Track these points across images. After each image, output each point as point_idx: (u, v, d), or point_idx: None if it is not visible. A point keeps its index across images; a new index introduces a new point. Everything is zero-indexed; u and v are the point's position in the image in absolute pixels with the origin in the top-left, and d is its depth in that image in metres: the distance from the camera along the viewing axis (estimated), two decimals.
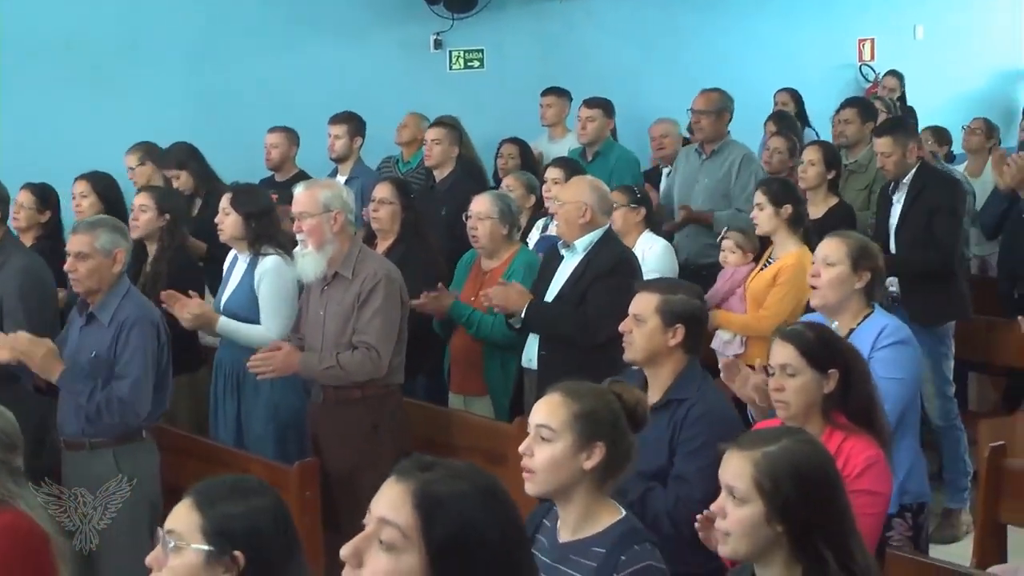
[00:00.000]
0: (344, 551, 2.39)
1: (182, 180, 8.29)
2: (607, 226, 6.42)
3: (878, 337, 5.01)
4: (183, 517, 2.81)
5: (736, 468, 3.19)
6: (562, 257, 6.42)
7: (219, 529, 2.77)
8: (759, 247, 7.25)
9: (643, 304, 4.73)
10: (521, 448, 3.69)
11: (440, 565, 2.31)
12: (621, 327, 4.77)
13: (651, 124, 9.67)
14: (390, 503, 2.36)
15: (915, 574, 4.59)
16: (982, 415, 7.80)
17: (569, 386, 3.74)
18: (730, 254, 7.21)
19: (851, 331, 5.08)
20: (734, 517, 3.16)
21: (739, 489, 3.16)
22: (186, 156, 8.34)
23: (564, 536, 3.66)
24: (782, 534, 3.12)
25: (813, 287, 5.21)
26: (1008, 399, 8.07)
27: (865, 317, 5.13)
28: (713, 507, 3.24)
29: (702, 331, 4.83)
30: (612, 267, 6.20)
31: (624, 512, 3.69)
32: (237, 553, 2.76)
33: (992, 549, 5.35)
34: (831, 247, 5.19)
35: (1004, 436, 6.39)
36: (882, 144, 7.53)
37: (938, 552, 6.56)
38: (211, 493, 2.83)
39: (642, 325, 4.69)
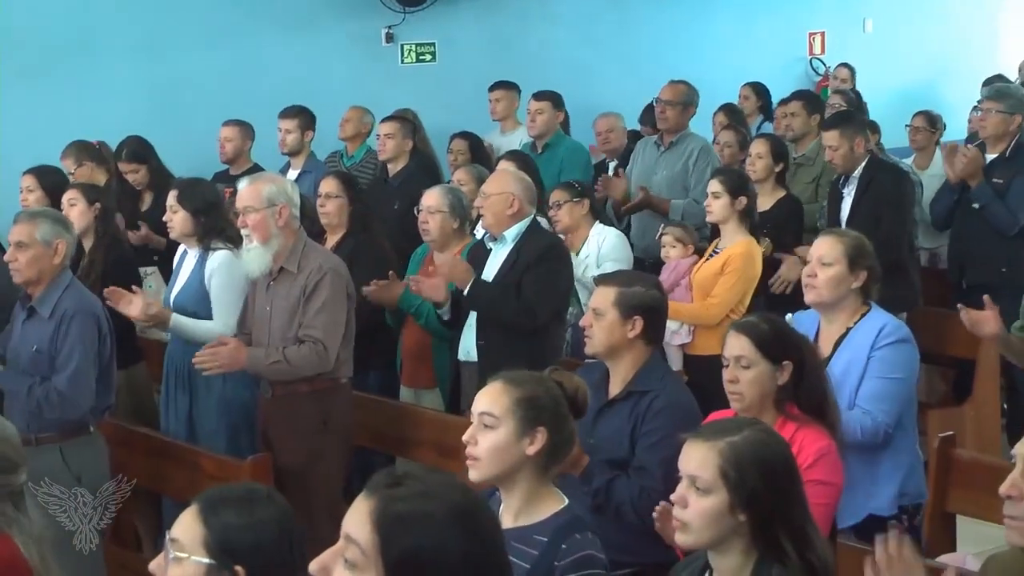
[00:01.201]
0: (313, 566, 2.38)
1: (140, 175, 8.25)
2: (533, 215, 6.42)
3: (878, 336, 5.04)
4: (187, 527, 2.76)
5: (700, 458, 3.19)
6: (489, 250, 6.42)
7: (222, 542, 2.72)
8: (698, 240, 7.34)
9: (601, 298, 4.75)
10: (465, 437, 3.72)
11: None
12: (581, 322, 4.78)
13: (596, 119, 9.69)
14: (354, 520, 2.34)
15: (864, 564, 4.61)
16: (932, 406, 7.83)
17: (510, 374, 3.78)
18: (671, 248, 7.25)
19: (848, 329, 5.11)
20: (696, 507, 3.16)
21: (703, 479, 3.16)
22: (146, 151, 8.32)
23: (507, 523, 3.67)
24: (744, 523, 3.14)
25: (808, 285, 5.18)
26: (957, 390, 8.12)
27: (862, 315, 5.15)
28: (673, 497, 3.24)
29: (662, 322, 4.84)
30: (542, 254, 6.21)
31: (567, 501, 3.72)
32: (239, 568, 2.72)
33: (941, 538, 5.39)
34: (827, 247, 5.16)
35: (953, 426, 6.46)
36: (829, 137, 7.58)
37: None
38: (217, 503, 2.78)
39: (601, 319, 4.70)
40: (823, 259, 5.11)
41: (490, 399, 3.71)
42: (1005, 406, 7.60)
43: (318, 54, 10.52)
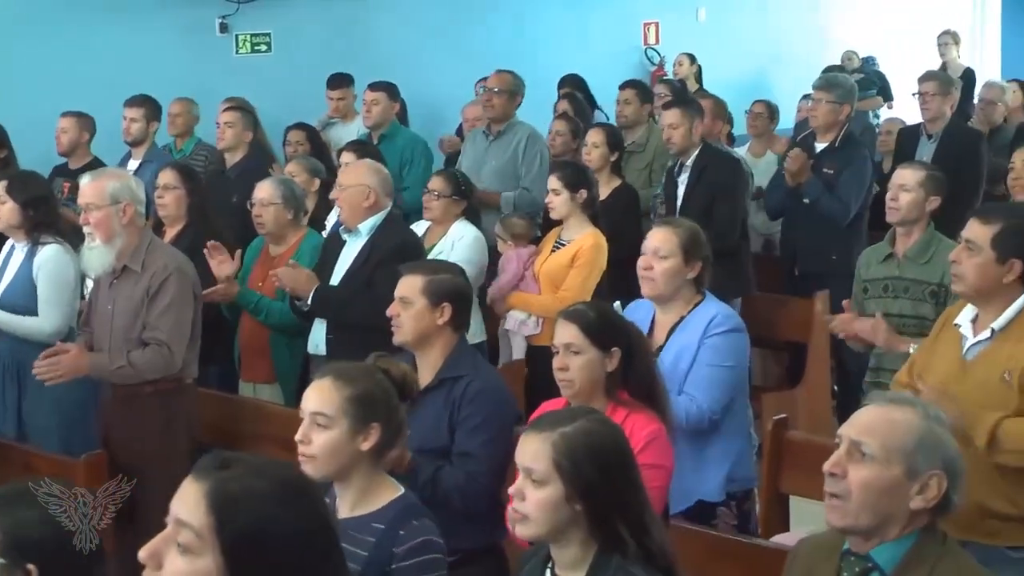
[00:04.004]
0: (142, 554, 2.34)
1: None
2: (388, 208, 6.41)
3: (709, 324, 5.08)
4: None
5: (534, 450, 3.19)
6: (344, 241, 6.40)
7: (12, 540, 2.68)
8: (531, 230, 7.39)
9: (409, 286, 4.73)
10: (297, 436, 3.70)
11: (235, 566, 2.26)
12: (389, 311, 4.76)
13: (464, 106, 9.67)
14: (185, 504, 2.31)
15: (701, 546, 4.69)
16: (766, 389, 7.98)
17: (339, 369, 3.77)
18: (503, 244, 7.30)
19: (682, 318, 5.15)
20: (533, 499, 3.17)
21: (538, 471, 3.17)
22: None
23: (343, 513, 3.68)
24: (581, 513, 3.15)
25: (644, 278, 5.19)
26: (790, 373, 8.29)
27: (696, 304, 5.19)
28: (511, 490, 3.24)
29: (469, 308, 4.84)
30: (397, 249, 6.19)
31: (402, 489, 3.74)
32: (31, 567, 2.67)
33: (776, 519, 5.49)
34: (662, 239, 5.16)
35: (787, 409, 6.58)
36: (670, 115, 7.66)
37: None
38: (11, 500, 2.74)
39: (409, 307, 4.68)
40: (658, 251, 5.13)
41: (321, 398, 3.70)
42: (836, 388, 7.77)
43: (152, 44, 10.34)
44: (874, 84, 13.58)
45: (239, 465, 2.34)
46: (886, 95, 13.71)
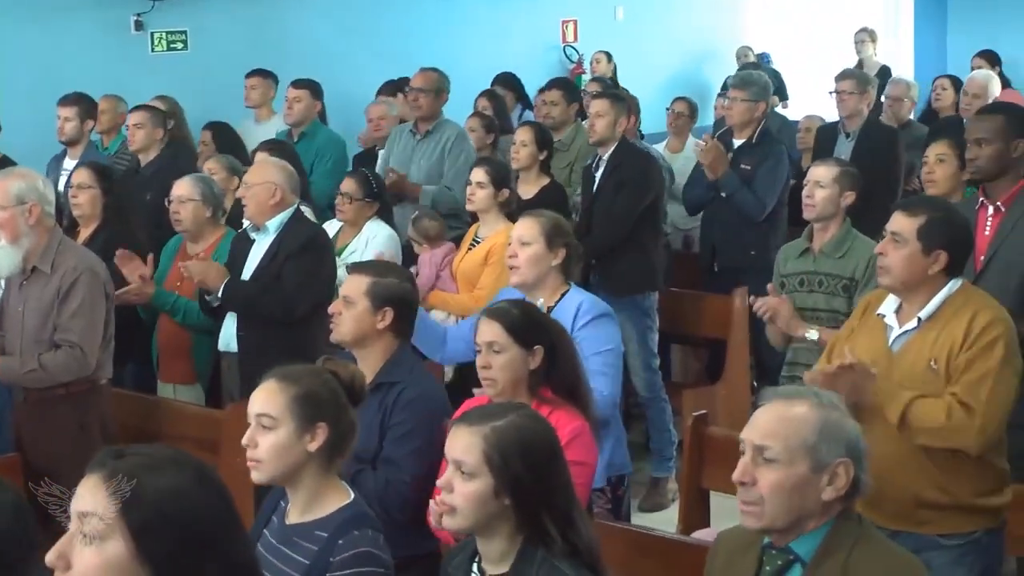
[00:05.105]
0: (49, 556, 2.33)
1: None
2: (296, 205, 6.39)
3: (577, 314, 5.13)
4: None
5: (464, 443, 3.22)
6: (252, 240, 6.37)
7: None
8: (444, 231, 7.42)
9: (353, 286, 4.72)
10: (244, 440, 3.67)
11: (144, 546, 2.27)
12: (330, 309, 4.75)
13: (367, 106, 9.65)
14: (85, 496, 2.32)
15: (622, 543, 4.70)
16: (685, 385, 8.03)
17: (284, 370, 3.74)
18: (417, 245, 7.29)
19: (549, 309, 5.17)
20: (462, 491, 3.19)
21: (468, 463, 3.19)
22: None
23: (292, 518, 3.68)
24: (509, 507, 3.18)
25: (511, 267, 5.27)
26: (709, 369, 8.34)
27: (563, 295, 5.24)
28: (439, 482, 3.26)
29: (412, 314, 4.84)
30: (304, 245, 6.21)
31: (353, 495, 3.71)
32: None
33: (696, 515, 5.52)
34: (524, 227, 5.28)
35: (706, 405, 6.63)
36: (598, 104, 7.69)
37: (645, 520, 6.78)
38: None
39: (351, 307, 4.67)
40: (521, 238, 5.23)
41: (266, 399, 3.67)
42: (755, 383, 7.82)
43: (66, 42, 10.19)
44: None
45: (134, 453, 2.37)
46: (781, 94, 13.82)
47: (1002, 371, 4.33)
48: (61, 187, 7.68)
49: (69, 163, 8.52)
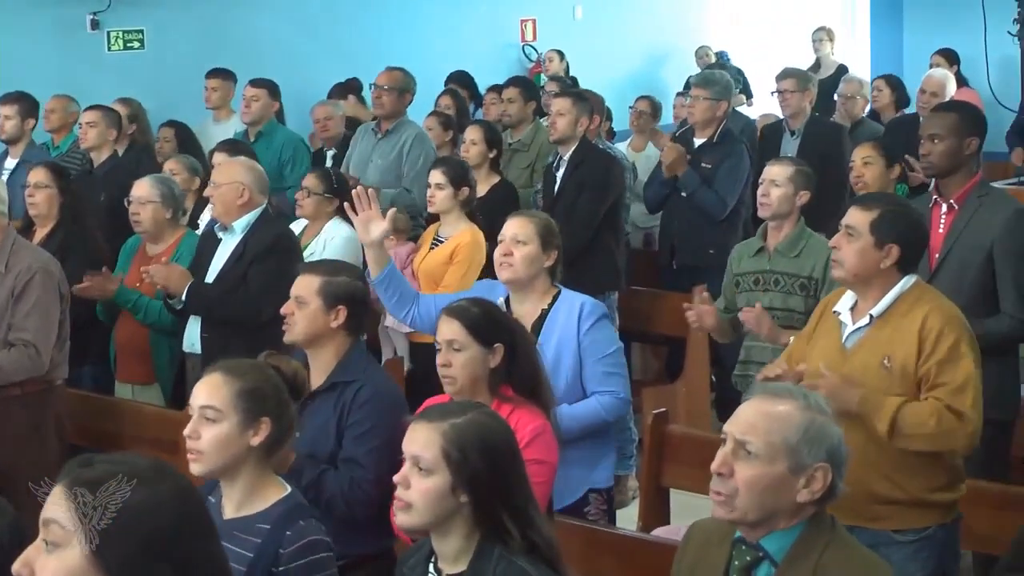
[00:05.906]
0: (15, 565, 2.35)
1: None
2: (264, 206, 6.37)
3: (580, 317, 5.13)
4: None
5: (423, 439, 3.21)
6: (219, 240, 6.35)
7: None
8: (410, 227, 7.43)
9: (305, 286, 4.70)
10: (186, 431, 3.68)
11: (103, 553, 2.28)
12: (283, 309, 4.73)
13: (313, 106, 9.63)
14: (50, 503, 2.34)
15: (583, 541, 4.71)
16: (645, 384, 8.05)
17: (229, 364, 3.75)
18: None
19: (544, 312, 5.19)
20: (419, 487, 3.18)
21: (425, 459, 3.18)
22: None
23: (228, 513, 3.67)
24: (466, 504, 3.17)
25: (504, 264, 5.22)
26: (670, 367, 8.36)
27: (555, 296, 5.23)
28: (396, 478, 3.25)
29: (365, 312, 4.83)
30: (271, 246, 6.18)
31: (289, 488, 3.72)
32: None
33: (656, 512, 5.55)
34: (520, 226, 5.23)
35: (666, 403, 6.65)
36: (559, 102, 7.73)
37: None
38: None
39: (304, 307, 4.66)
40: (517, 237, 5.19)
41: (210, 392, 3.68)
42: (714, 380, 7.85)
43: (21, 42, 10.12)
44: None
45: (101, 462, 2.38)
46: (747, 92, 13.88)
47: (977, 373, 4.39)
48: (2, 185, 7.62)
49: (10, 162, 8.49)
